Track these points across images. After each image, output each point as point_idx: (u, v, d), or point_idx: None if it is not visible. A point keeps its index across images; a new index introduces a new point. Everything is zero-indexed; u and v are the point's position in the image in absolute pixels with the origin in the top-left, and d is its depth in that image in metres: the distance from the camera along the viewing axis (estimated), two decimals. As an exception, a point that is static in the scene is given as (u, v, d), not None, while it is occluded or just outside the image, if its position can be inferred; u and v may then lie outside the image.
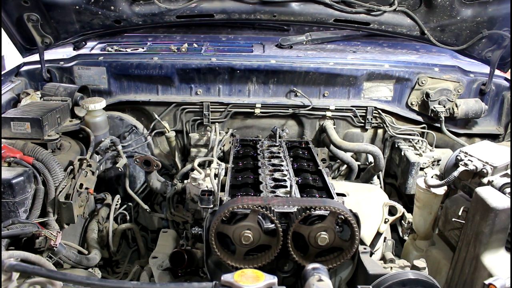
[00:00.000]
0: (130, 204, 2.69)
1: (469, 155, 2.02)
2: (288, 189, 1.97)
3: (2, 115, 2.20)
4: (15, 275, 1.31)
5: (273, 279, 1.09)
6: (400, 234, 2.53)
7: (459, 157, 2.05)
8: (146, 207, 2.67)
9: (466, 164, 1.99)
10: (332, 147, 2.87)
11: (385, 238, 2.17)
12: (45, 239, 1.81)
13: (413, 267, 1.73)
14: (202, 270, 2.00)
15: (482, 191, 1.76)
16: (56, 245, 1.80)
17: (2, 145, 2.01)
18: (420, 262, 1.74)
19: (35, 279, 1.30)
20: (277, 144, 2.61)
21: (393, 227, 2.63)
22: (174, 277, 2.04)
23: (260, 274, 1.10)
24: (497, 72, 2.87)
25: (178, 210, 2.62)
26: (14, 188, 1.86)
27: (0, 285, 1.24)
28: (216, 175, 2.18)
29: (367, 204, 2.28)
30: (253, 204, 1.59)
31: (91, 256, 2.13)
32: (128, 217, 2.63)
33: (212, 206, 1.95)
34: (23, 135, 2.17)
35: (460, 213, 1.91)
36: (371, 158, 2.89)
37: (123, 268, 2.53)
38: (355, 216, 1.63)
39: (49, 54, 2.92)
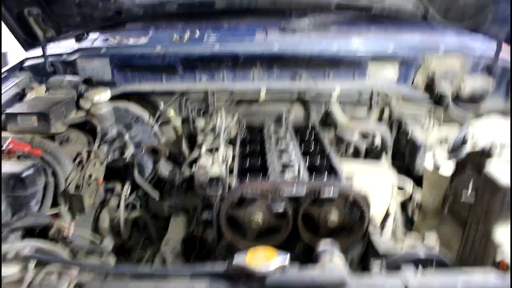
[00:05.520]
0: (139, 192, 2.71)
1: (477, 132, 2.01)
2: (296, 172, 1.97)
3: (8, 110, 2.22)
4: (31, 264, 1.34)
5: (285, 256, 1.10)
6: (409, 214, 2.52)
7: (467, 135, 2.04)
8: (155, 195, 2.69)
9: (474, 142, 1.98)
10: (338, 129, 2.86)
11: (394, 217, 2.18)
12: (58, 230, 1.83)
13: (424, 245, 1.74)
14: (214, 255, 2.02)
15: (490, 169, 1.75)
16: (69, 235, 1.83)
17: (10, 139, 2.03)
18: (431, 239, 1.74)
19: (50, 268, 1.32)
20: (284, 128, 2.61)
21: (402, 207, 2.62)
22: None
23: (271, 252, 1.11)
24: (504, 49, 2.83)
25: (187, 196, 2.63)
26: (24, 182, 1.87)
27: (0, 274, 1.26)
28: (223, 161, 2.19)
29: (375, 184, 2.27)
30: (262, 188, 1.60)
31: (103, 245, 2.16)
32: (138, 205, 2.66)
33: (220, 191, 1.97)
34: (30, 129, 2.19)
35: (469, 192, 1.91)
36: (377, 140, 2.87)
37: (136, 255, 2.56)
38: (364, 196, 1.64)
39: (52, 48, 2.91)
